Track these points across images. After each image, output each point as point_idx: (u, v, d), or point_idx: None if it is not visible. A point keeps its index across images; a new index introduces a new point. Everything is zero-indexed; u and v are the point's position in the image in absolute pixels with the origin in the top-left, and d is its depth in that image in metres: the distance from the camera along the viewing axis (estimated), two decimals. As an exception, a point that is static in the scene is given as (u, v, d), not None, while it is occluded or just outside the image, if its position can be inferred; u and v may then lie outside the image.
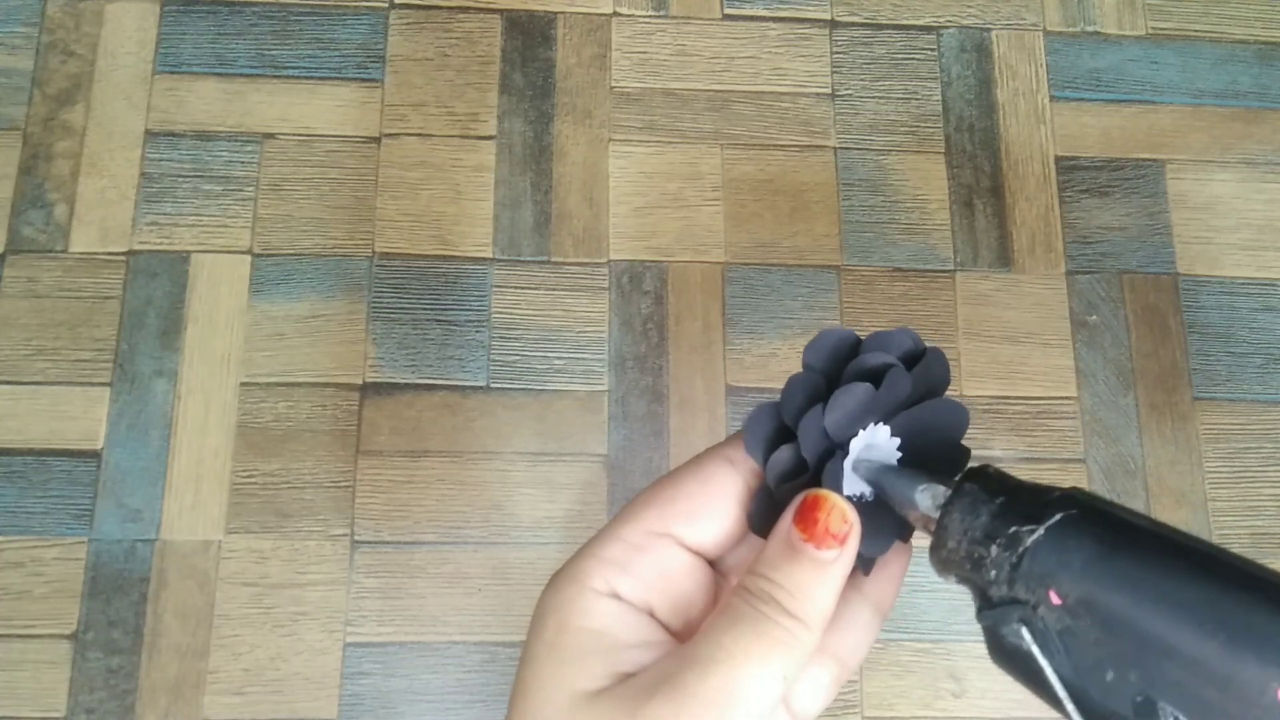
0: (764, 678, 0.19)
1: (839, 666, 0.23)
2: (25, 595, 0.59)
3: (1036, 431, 0.65)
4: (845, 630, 0.23)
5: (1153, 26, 0.73)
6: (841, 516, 0.20)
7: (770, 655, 0.19)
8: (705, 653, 0.20)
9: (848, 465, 0.22)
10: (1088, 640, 0.18)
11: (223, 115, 0.67)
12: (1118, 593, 0.18)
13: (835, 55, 0.71)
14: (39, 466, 0.61)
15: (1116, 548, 0.18)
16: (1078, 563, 0.19)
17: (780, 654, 0.20)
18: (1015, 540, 0.19)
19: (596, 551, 0.21)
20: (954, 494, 0.21)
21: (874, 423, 0.23)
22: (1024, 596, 0.19)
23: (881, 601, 0.24)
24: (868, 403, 0.22)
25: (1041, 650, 0.19)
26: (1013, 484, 0.21)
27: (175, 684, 0.58)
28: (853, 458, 0.22)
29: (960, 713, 0.60)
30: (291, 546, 0.60)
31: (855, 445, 0.22)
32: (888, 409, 0.23)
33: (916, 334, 0.23)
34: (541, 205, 0.67)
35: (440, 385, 0.63)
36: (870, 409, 0.22)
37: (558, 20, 0.70)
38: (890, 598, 0.24)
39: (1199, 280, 0.68)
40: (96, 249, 0.64)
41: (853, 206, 0.68)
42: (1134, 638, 0.17)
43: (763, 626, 0.20)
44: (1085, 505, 0.20)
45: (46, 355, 0.62)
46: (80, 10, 0.68)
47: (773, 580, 0.20)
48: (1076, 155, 0.70)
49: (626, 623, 0.21)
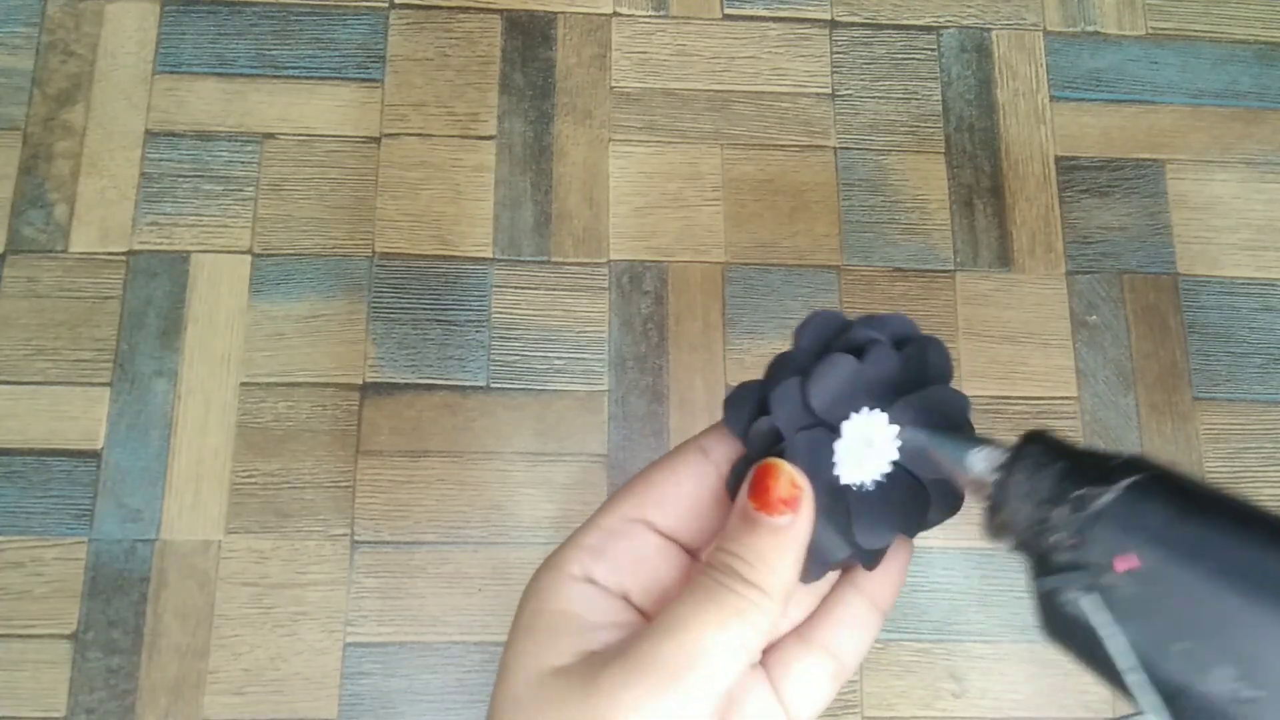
0: (720, 644, 0.19)
1: (836, 664, 0.23)
2: (25, 595, 0.59)
3: (1036, 431, 0.65)
4: (842, 627, 0.23)
5: (1153, 26, 0.73)
6: (790, 481, 0.21)
7: (726, 622, 0.20)
8: (663, 623, 0.20)
9: (840, 448, 0.22)
10: (1158, 608, 0.18)
11: (223, 115, 0.67)
12: (1196, 560, 0.18)
13: (835, 55, 0.71)
14: (39, 466, 0.61)
15: (1192, 513, 0.18)
16: (1153, 527, 0.18)
17: (737, 621, 0.20)
18: (1083, 502, 0.19)
19: (576, 539, 0.22)
20: (1014, 455, 0.20)
21: (868, 408, 0.22)
22: (1092, 559, 0.19)
23: (880, 599, 0.23)
24: (851, 377, 0.22)
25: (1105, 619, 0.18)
26: (1073, 449, 0.20)
27: (175, 684, 0.58)
28: (849, 442, 0.22)
29: (960, 713, 0.60)
30: (291, 546, 0.60)
31: (849, 430, 0.22)
32: (876, 389, 0.23)
33: (913, 321, 0.23)
34: (541, 205, 0.67)
35: (440, 385, 0.63)
36: (855, 386, 0.22)
37: (558, 20, 0.70)
38: (890, 596, 0.23)
39: (1199, 280, 0.68)
40: (96, 249, 0.64)
41: (853, 206, 0.68)
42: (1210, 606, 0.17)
43: (720, 595, 0.20)
44: (1156, 470, 0.19)
45: (46, 355, 0.62)
46: (80, 10, 0.68)
47: (731, 552, 0.21)
48: (1076, 155, 0.70)
49: (598, 605, 0.21)
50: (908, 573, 0.26)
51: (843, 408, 0.22)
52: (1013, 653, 0.61)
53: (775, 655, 0.23)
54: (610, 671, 0.19)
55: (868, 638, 0.23)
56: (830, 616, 0.23)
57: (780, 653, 0.23)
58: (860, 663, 0.24)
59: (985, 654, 0.61)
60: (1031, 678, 0.61)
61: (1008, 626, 0.62)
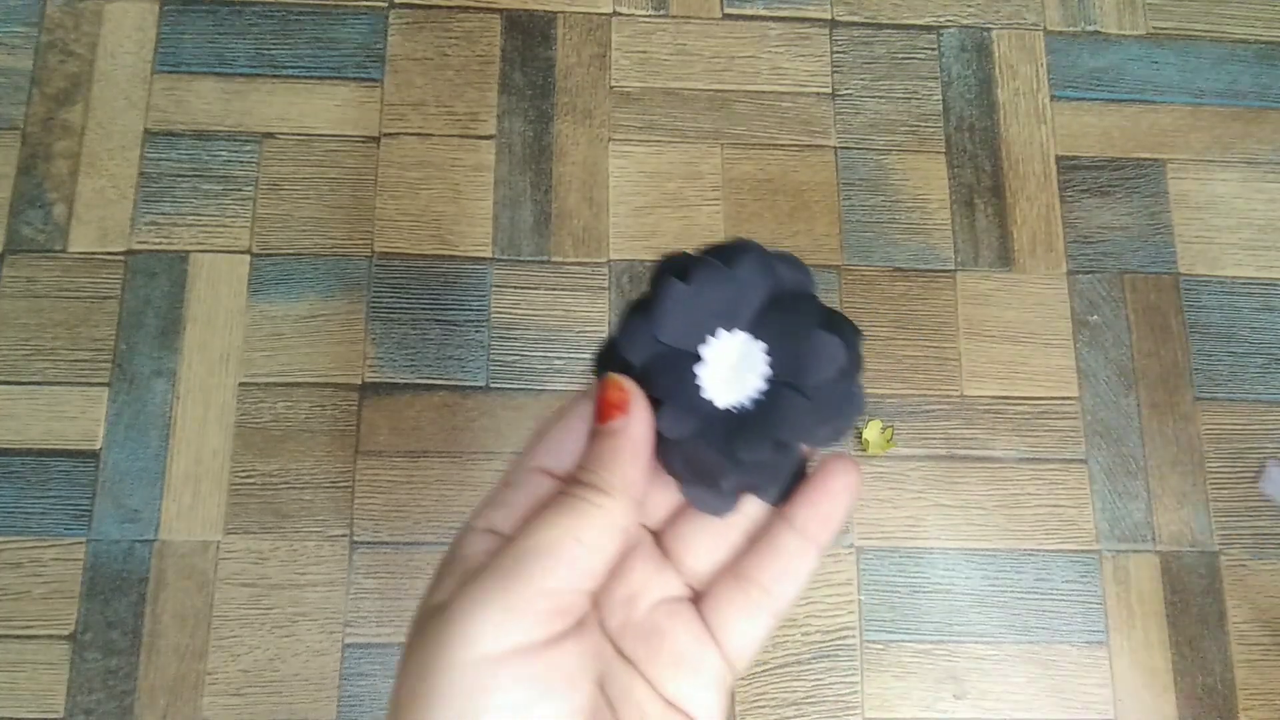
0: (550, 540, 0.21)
1: (763, 594, 0.23)
2: (24, 596, 0.59)
3: (1038, 431, 0.65)
4: (768, 558, 0.23)
5: (1153, 26, 0.73)
6: (616, 386, 0.22)
7: (561, 520, 0.21)
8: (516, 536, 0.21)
9: (704, 373, 0.23)
10: None
11: (222, 115, 0.67)
12: None
13: (836, 55, 0.71)
14: (37, 467, 0.60)
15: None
16: None
17: (573, 518, 0.21)
18: None
19: (483, 499, 0.23)
20: None
21: (725, 330, 0.23)
22: None
23: (810, 529, 0.23)
24: (691, 301, 0.22)
25: None
26: None
27: (174, 685, 0.58)
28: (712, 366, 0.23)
29: (961, 714, 0.60)
30: (290, 547, 0.60)
31: (709, 354, 0.23)
32: (730, 311, 0.23)
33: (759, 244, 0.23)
34: (541, 205, 0.67)
35: (440, 385, 0.63)
36: (703, 311, 0.23)
37: (558, 20, 0.70)
38: (821, 525, 0.23)
39: (1200, 280, 0.68)
40: (95, 249, 0.64)
41: (853, 206, 0.68)
42: None
43: (562, 501, 0.21)
44: None
45: (45, 355, 0.62)
46: (79, 10, 0.68)
47: (580, 466, 0.22)
48: (1077, 155, 0.70)
49: (489, 547, 0.22)
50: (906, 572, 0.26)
51: (696, 334, 0.23)
52: (1013, 654, 0.61)
53: (709, 594, 0.24)
54: (462, 592, 0.20)
55: (802, 570, 0.23)
56: (758, 550, 0.24)
57: (711, 588, 0.24)
58: (796, 596, 0.24)
59: (986, 655, 0.61)
60: (1032, 679, 0.61)
61: (1008, 628, 0.62)
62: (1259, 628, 0.62)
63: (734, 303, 0.23)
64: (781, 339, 0.23)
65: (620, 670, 0.23)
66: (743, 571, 0.24)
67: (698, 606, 0.24)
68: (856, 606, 0.61)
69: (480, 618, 0.20)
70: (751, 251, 0.23)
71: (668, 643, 0.23)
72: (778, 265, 0.23)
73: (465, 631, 0.20)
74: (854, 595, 0.62)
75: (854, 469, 0.24)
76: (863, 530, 0.63)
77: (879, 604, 0.61)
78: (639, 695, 0.22)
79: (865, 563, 0.62)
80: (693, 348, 0.23)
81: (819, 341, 0.22)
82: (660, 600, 0.23)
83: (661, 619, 0.23)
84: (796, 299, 0.23)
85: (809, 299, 0.23)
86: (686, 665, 0.23)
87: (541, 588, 0.20)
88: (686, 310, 0.22)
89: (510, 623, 0.20)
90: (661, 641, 0.23)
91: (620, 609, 0.23)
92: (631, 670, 0.23)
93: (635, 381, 0.23)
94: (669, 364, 0.23)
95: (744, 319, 0.23)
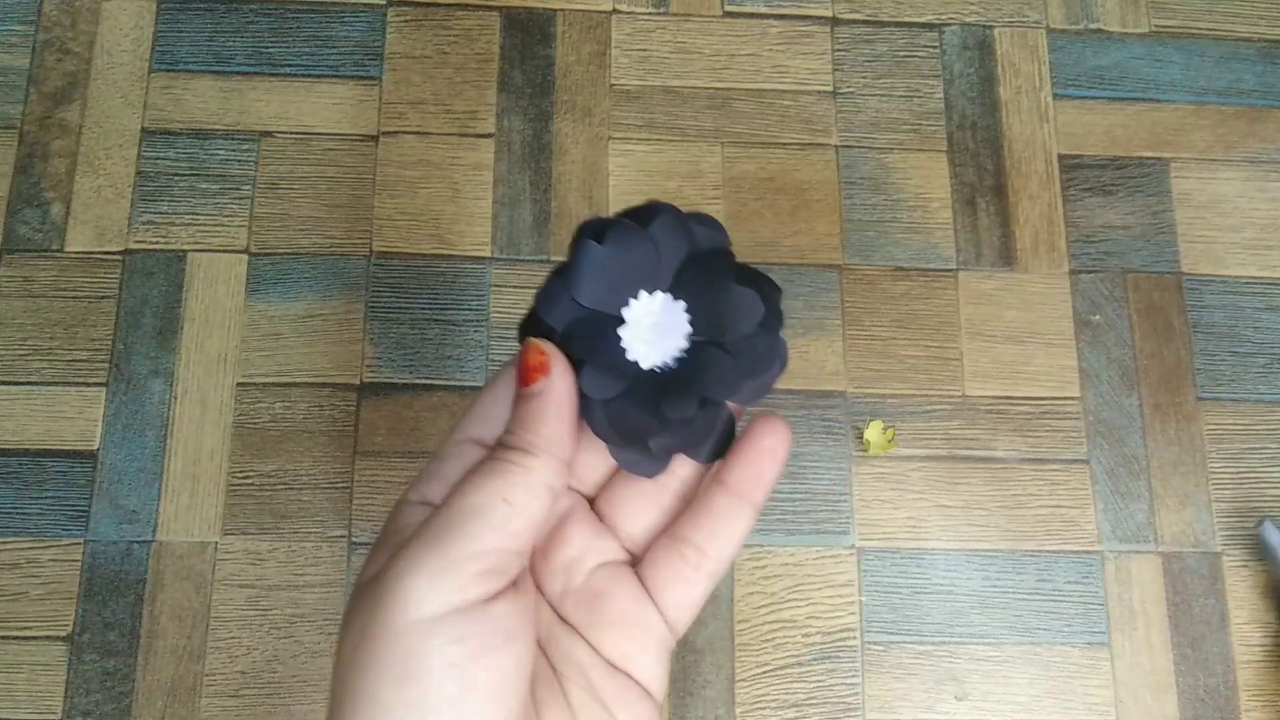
0: (477, 503, 0.21)
1: (698, 554, 0.23)
2: (21, 597, 0.58)
3: (1040, 432, 0.64)
4: (702, 519, 0.24)
5: (1156, 24, 0.73)
6: (536, 349, 0.22)
7: (487, 483, 0.21)
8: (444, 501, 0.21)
9: (626, 334, 0.23)
10: None
11: (219, 113, 0.67)
12: None
13: (837, 53, 0.71)
14: (34, 467, 0.60)
15: None
16: None
17: (499, 480, 0.21)
18: None
19: (419, 471, 0.24)
20: None
21: (646, 291, 0.23)
22: None
23: (743, 489, 0.23)
24: (602, 260, 0.22)
25: None
26: None
27: (172, 686, 0.58)
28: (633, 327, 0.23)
29: (962, 715, 0.60)
30: (288, 548, 0.60)
31: (630, 315, 0.23)
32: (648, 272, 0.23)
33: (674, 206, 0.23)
34: (541, 204, 0.66)
35: (438, 385, 0.63)
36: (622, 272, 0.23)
37: (557, 17, 0.70)
38: (753, 484, 0.23)
39: (1203, 279, 0.68)
40: (93, 248, 0.64)
41: (854, 205, 0.68)
42: None
43: (487, 465, 0.22)
44: None
45: (42, 355, 0.62)
46: (76, 8, 0.68)
47: (505, 431, 0.22)
48: (1080, 154, 0.70)
49: (422, 518, 0.22)
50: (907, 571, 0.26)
51: (617, 296, 0.23)
52: (1015, 655, 0.61)
53: (646, 558, 0.24)
54: (394, 559, 0.21)
55: (736, 530, 0.24)
56: (693, 512, 0.24)
57: (650, 555, 0.24)
58: (732, 557, 0.24)
59: (987, 656, 0.61)
60: (1034, 680, 0.61)
61: (1010, 629, 0.61)
62: (1261, 629, 0.62)
63: (651, 263, 0.23)
64: (700, 297, 0.23)
65: (562, 635, 0.23)
66: (678, 533, 0.24)
67: (636, 570, 0.24)
68: (857, 608, 0.61)
69: (411, 583, 0.20)
70: (666, 212, 0.23)
71: (608, 606, 0.23)
72: (693, 225, 0.23)
73: (398, 596, 0.20)
74: (855, 596, 0.61)
75: (783, 428, 0.24)
76: (863, 531, 0.62)
77: (880, 605, 0.61)
78: (582, 659, 0.23)
79: (866, 563, 0.62)
80: (614, 310, 0.23)
81: (736, 296, 0.22)
82: (599, 565, 0.24)
83: (601, 583, 0.23)
84: (713, 256, 0.23)
85: (725, 255, 0.23)
86: (627, 627, 0.23)
87: (471, 550, 0.20)
88: (604, 272, 0.22)
89: (442, 584, 0.20)
90: (602, 605, 0.23)
91: (560, 575, 0.23)
92: (573, 634, 0.23)
93: (558, 347, 0.23)
94: (590, 327, 0.23)
95: (663, 279, 0.23)
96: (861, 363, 0.65)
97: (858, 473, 0.63)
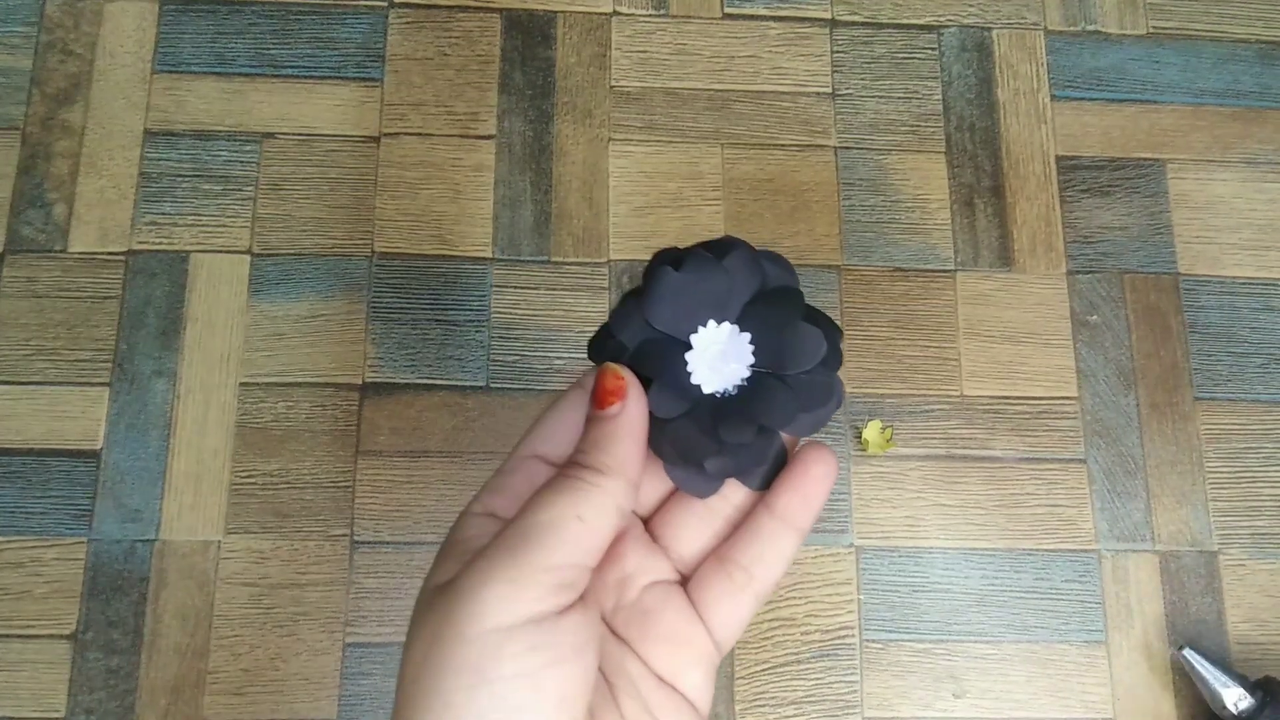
0: (551, 519, 0.21)
1: (745, 577, 0.24)
2: (25, 595, 0.59)
3: (1037, 431, 0.65)
4: (750, 543, 0.24)
5: (1154, 26, 0.73)
6: (614, 374, 0.23)
7: (561, 499, 0.22)
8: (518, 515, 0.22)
9: (692, 360, 0.24)
10: None
11: (222, 115, 0.67)
12: None
13: (836, 54, 0.71)
14: (38, 467, 0.60)
15: None
16: None
17: (573, 497, 0.22)
18: None
19: (484, 485, 0.24)
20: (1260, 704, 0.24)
21: (715, 320, 0.24)
22: None
23: (790, 515, 0.24)
24: (681, 290, 0.23)
25: None
26: None
27: (175, 684, 0.58)
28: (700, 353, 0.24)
29: (961, 713, 0.60)
30: (291, 547, 0.60)
31: (697, 341, 0.24)
32: (718, 302, 0.24)
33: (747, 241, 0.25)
34: (541, 205, 0.67)
35: (440, 385, 0.63)
36: (694, 300, 0.24)
37: (558, 19, 0.70)
38: (802, 512, 0.24)
39: (1200, 280, 0.68)
40: (96, 249, 0.64)
41: (853, 206, 0.68)
42: None
43: (562, 482, 0.22)
44: None
45: (45, 355, 0.62)
46: (79, 9, 0.68)
47: (578, 450, 0.23)
48: (1077, 155, 0.70)
49: (490, 530, 0.23)
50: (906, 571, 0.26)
51: (687, 322, 0.24)
52: (1013, 653, 0.61)
53: (695, 578, 0.25)
54: (468, 569, 0.21)
55: (782, 554, 0.24)
56: (741, 535, 0.25)
57: (700, 575, 0.25)
58: (778, 579, 0.25)
59: (986, 654, 0.61)
60: (1031, 678, 0.61)
61: (1008, 627, 0.62)
62: (1257, 628, 0.62)
63: (723, 294, 0.24)
64: (766, 331, 0.24)
65: (614, 649, 0.24)
66: (727, 555, 0.25)
67: (685, 589, 0.25)
68: (856, 606, 0.62)
69: (487, 592, 0.20)
70: (740, 248, 0.24)
71: (659, 623, 0.24)
72: (765, 262, 0.25)
73: (473, 605, 0.20)
74: (853, 595, 0.62)
75: (831, 457, 0.25)
76: (862, 530, 0.63)
77: (878, 603, 0.62)
78: (633, 671, 0.23)
79: (865, 562, 0.62)
80: (683, 335, 0.24)
81: (802, 334, 0.24)
82: (651, 583, 0.25)
83: (652, 601, 0.24)
84: (782, 294, 0.24)
85: (794, 294, 0.24)
86: (677, 644, 0.24)
87: (545, 563, 0.21)
88: (679, 298, 0.24)
89: (517, 595, 0.20)
90: (653, 622, 0.24)
91: (614, 592, 0.24)
92: (625, 649, 0.24)
93: (627, 364, 0.24)
94: (660, 349, 0.24)
95: (732, 311, 0.24)
96: (860, 362, 0.65)
97: (856, 472, 0.64)
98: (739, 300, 0.24)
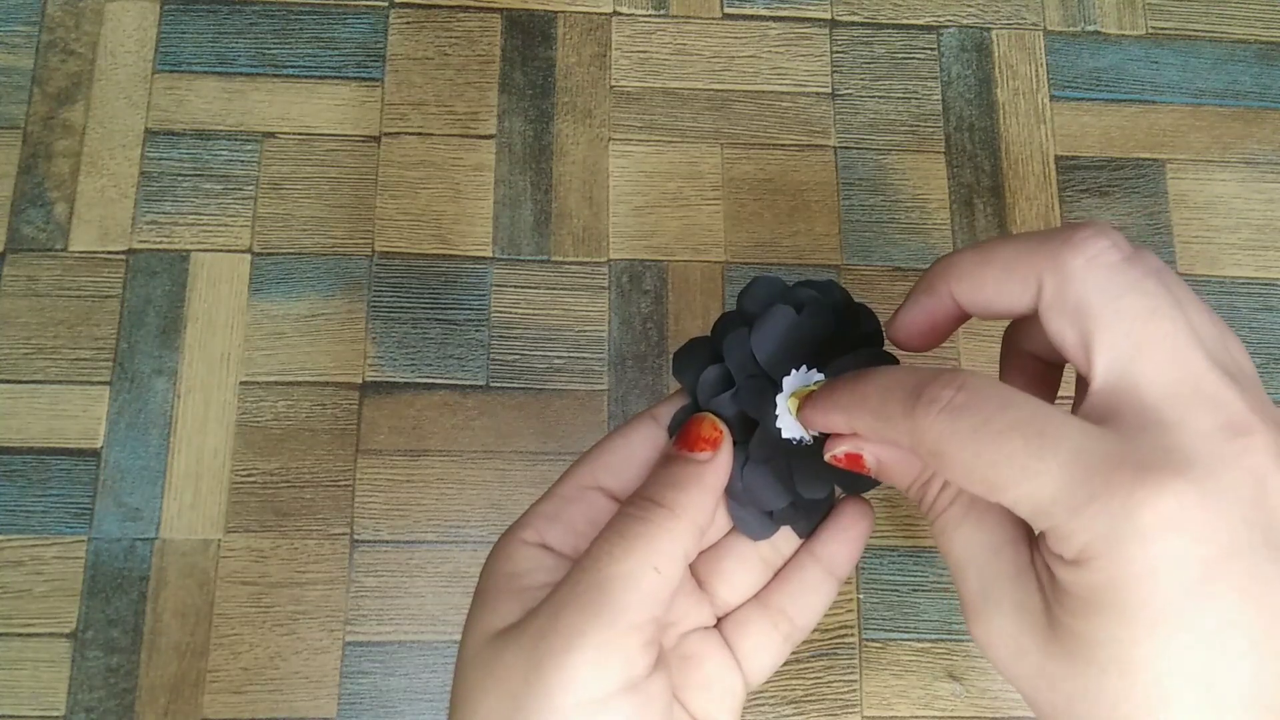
0: (638, 570, 0.20)
1: (788, 624, 0.25)
2: (24, 594, 0.59)
3: (1036, 431, 0.65)
4: (795, 590, 0.25)
5: (1153, 26, 0.73)
6: (713, 425, 0.22)
7: (633, 548, 0.21)
8: (579, 563, 0.21)
9: (781, 401, 0.24)
10: None
11: (222, 114, 0.67)
12: None
13: (835, 55, 0.71)
14: (38, 465, 0.61)
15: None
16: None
17: (644, 545, 0.21)
18: None
19: (533, 508, 0.23)
20: None
21: (806, 366, 0.24)
22: None
23: (834, 563, 0.25)
24: (791, 329, 0.23)
25: None
26: None
27: (175, 683, 0.58)
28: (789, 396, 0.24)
29: (960, 712, 0.60)
30: (291, 545, 0.60)
31: (790, 385, 0.24)
32: (813, 348, 0.24)
33: (845, 288, 0.25)
34: (541, 204, 0.67)
35: (440, 384, 0.63)
36: (795, 341, 0.24)
37: (558, 19, 0.70)
38: (844, 560, 0.25)
39: (1199, 280, 0.68)
40: (96, 248, 0.64)
41: (853, 206, 0.68)
42: None
43: (627, 525, 0.21)
44: None
45: (46, 354, 0.62)
46: (80, 9, 0.68)
47: (650, 484, 0.22)
48: (1076, 155, 0.70)
49: (547, 565, 0.22)
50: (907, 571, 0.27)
51: (784, 363, 0.24)
52: (1012, 652, 0.61)
53: (733, 619, 0.25)
54: (538, 619, 0.20)
55: (822, 601, 0.25)
56: (786, 582, 0.25)
57: (738, 616, 0.25)
58: (814, 625, 0.25)
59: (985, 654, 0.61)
60: (1031, 677, 0.61)
61: (1007, 626, 0.62)
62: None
63: (822, 342, 0.24)
64: None
65: None
66: (771, 602, 0.25)
67: (721, 631, 0.25)
68: (855, 605, 0.62)
69: (578, 658, 0.19)
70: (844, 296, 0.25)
71: (698, 670, 0.24)
72: (862, 314, 0.25)
73: (563, 673, 0.19)
74: (853, 594, 0.62)
75: (870, 511, 0.25)
76: (862, 529, 0.63)
77: (878, 602, 0.62)
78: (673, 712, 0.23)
79: (864, 561, 0.62)
80: (776, 376, 0.24)
81: None
82: (693, 629, 0.25)
83: (692, 647, 0.24)
84: (873, 357, 0.25)
85: (885, 358, 0.25)
86: (713, 690, 0.24)
87: (631, 622, 0.20)
88: (786, 338, 0.24)
89: (607, 660, 0.19)
90: (693, 668, 0.24)
91: None
92: None
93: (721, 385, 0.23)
94: (759, 387, 0.24)
95: (824, 358, 0.24)
96: (860, 362, 0.65)
97: (856, 471, 0.64)
98: (836, 352, 0.24)
